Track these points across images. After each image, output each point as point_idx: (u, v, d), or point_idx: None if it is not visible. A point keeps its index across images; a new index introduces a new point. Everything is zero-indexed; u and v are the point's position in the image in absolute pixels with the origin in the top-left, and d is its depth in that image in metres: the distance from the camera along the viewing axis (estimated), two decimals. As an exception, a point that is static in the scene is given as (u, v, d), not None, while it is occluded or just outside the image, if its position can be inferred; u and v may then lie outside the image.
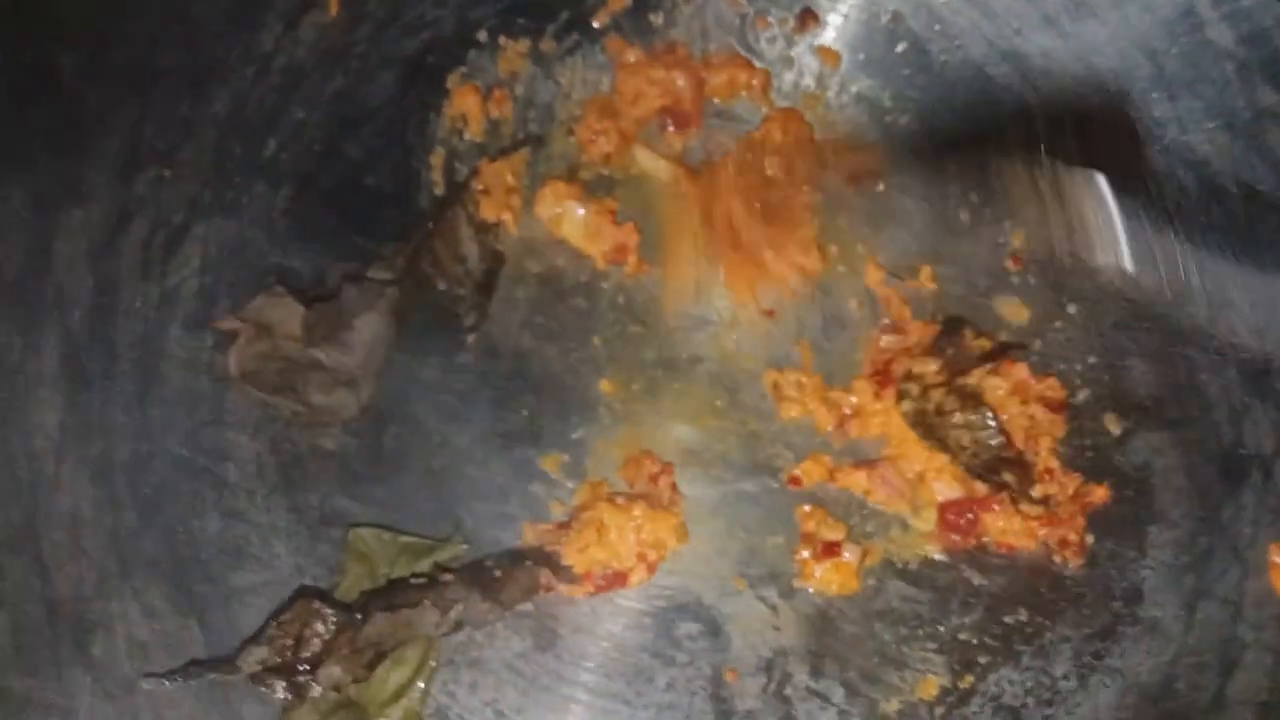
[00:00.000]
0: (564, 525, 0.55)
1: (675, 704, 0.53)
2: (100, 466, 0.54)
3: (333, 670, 0.48)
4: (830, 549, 0.54)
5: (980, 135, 0.63)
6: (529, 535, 0.55)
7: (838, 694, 0.53)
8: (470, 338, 0.59)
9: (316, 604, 0.48)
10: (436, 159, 0.62)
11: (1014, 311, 0.59)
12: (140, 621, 0.52)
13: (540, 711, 0.53)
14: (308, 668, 0.47)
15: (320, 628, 0.48)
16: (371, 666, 0.49)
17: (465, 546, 0.54)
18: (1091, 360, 0.58)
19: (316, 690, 0.47)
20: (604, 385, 0.58)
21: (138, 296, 0.56)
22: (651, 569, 0.54)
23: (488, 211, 0.61)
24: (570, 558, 0.53)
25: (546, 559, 0.53)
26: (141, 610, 0.52)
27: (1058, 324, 0.58)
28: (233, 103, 0.59)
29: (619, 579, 0.54)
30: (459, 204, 0.61)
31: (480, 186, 0.61)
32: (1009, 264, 0.60)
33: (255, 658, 0.48)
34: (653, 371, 0.58)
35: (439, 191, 0.62)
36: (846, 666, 0.54)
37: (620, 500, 0.54)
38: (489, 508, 0.56)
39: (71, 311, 0.55)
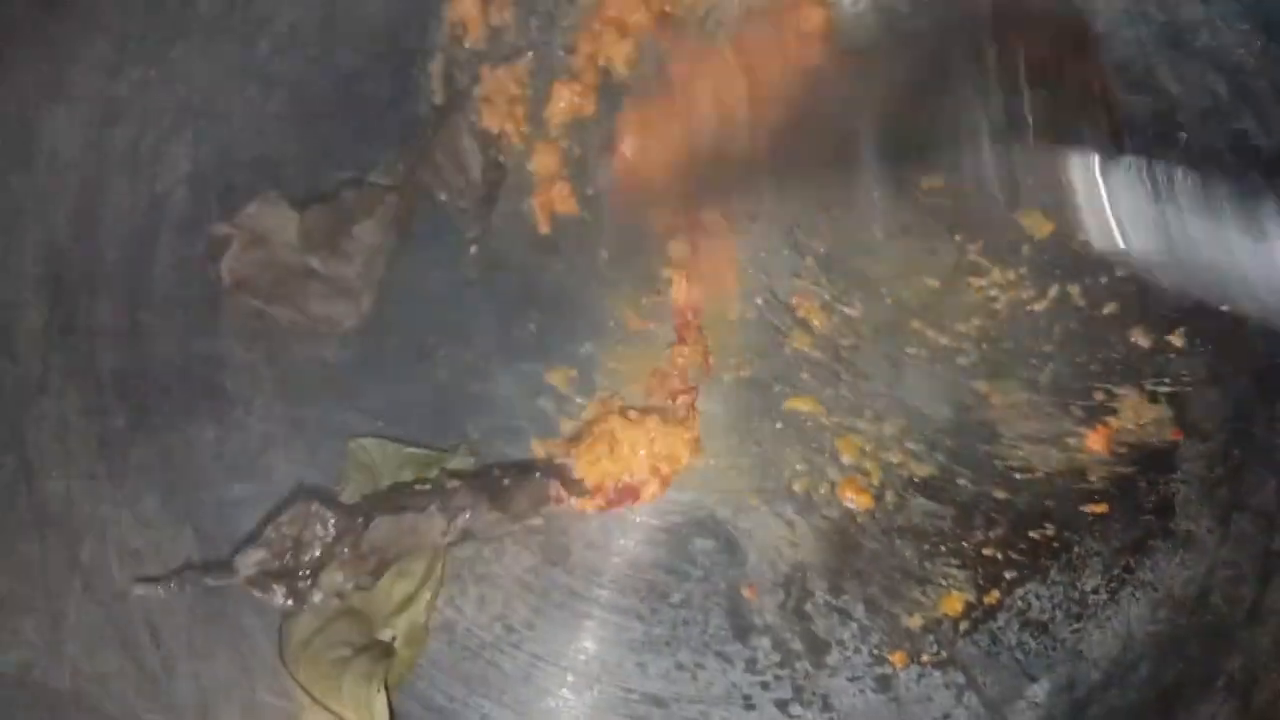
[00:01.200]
0: (574, 438, 0.53)
1: (691, 619, 0.51)
2: (88, 371, 0.52)
3: (334, 576, 0.46)
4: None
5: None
6: (538, 449, 0.53)
7: (858, 609, 0.52)
8: (473, 250, 0.56)
9: (316, 505, 0.46)
10: (436, 67, 0.60)
11: (1037, 224, 0.57)
12: (132, 528, 0.50)
13: (552, 628, 0.51)
14: (308, 572, 0.45)
15: (320, 530, 0.46)
16: (376, 574, 0.47)
17: (472, 459, 0.52)
18: (1118, 272, 0.56)
19: (317, 596, 0.45)
20: (611, 300, 0.56)
21: (124, 200, 0.54)
22: (665, 483, 0.52)
23: (490, 121, 0.59)
24: (581, 470, 0.51)
25: (557, 471, 0.51)
26: (134, 517, 0.50)
27: (1082, 236, 0.56)
28: (222, 4, 0.56)
29: (631, 493, 0.52)
30: (460, 113, 0.59)
31: (482, 94, 0.59)
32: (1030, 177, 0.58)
33: (252, 560, 0.45)
34: (662, 286, 0.56)
35: (438, 100, 0.60)
36: (868, 582, 0.52)
37: (633, 414, 0.52)
38: (495, 422, 0.54)
39: (54, 212, 0.53)
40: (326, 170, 0.56)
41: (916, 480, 0.53)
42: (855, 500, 0.53)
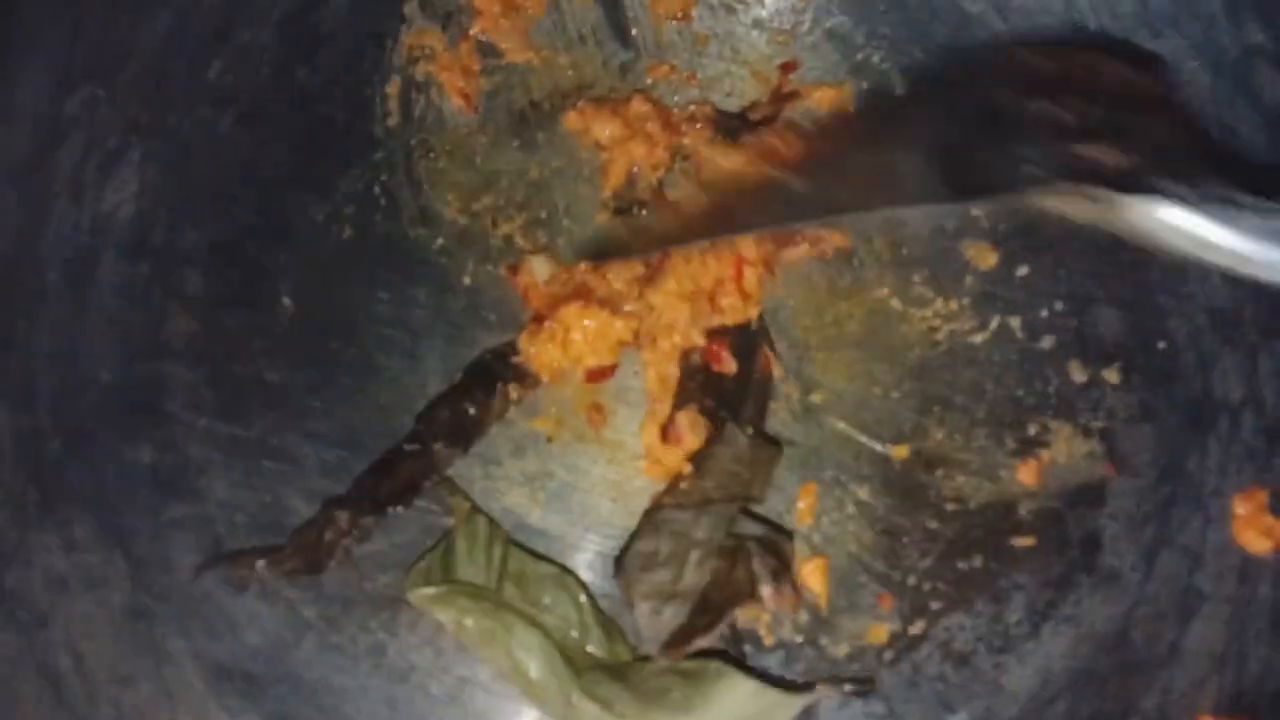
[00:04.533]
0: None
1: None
2: (23, 394, 0.52)
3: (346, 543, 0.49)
4: None
5: (956, 73, 0.60)
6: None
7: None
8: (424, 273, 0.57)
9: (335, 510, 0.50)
10: (393, 89, 0.60)
11: (981, 255, 0.58)
12: (60, 554, 0.50)
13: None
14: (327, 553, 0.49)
15: (340, 525, 0.49)
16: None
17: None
18: (1058, 306, 0.56)
19: (331, 563, 0.49)
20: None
21: (68, 219, 0.54)
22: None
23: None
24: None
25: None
26: (62, 543, 0.51)
27: (1024, 269, 0.57)
28: (175, 20, 0.57)
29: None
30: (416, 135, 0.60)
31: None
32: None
33: (283, 566, 0.48)
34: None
35: (393, 123, 0.60)
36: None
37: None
38: (436, 446, 0.54)
39: (-5, 231, 0.53)
40: (277, 190, 0.57)
41: (851, 507, 0.54)
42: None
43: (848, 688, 0.47)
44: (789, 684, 0.46)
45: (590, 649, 0.47)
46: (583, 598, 0.49)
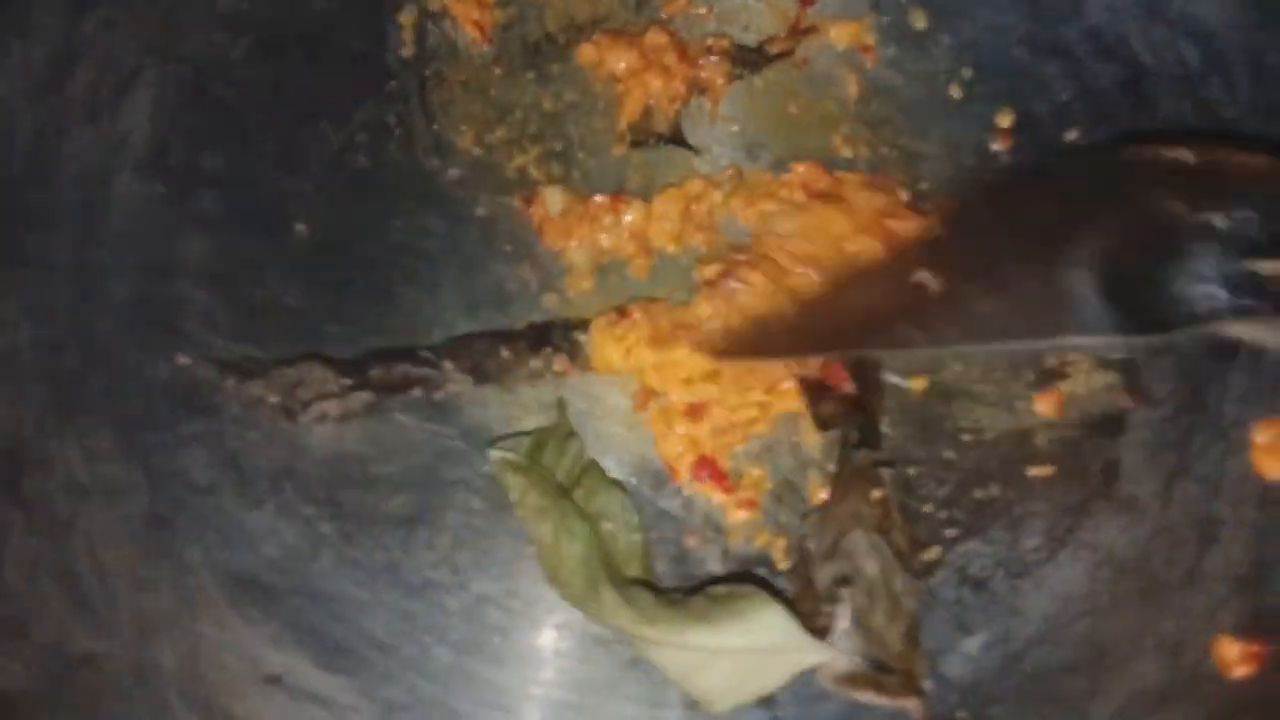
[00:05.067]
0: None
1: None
2: (40, 306, 0.52)
3: (325, 405, 0.49)
4: None
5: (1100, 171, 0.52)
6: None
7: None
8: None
9: (319, 364, 0.50)
10: (407, 19, 0.60)
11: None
12: (80, 464, 0.50)
13: (498, 569, 0.51)
14: (300, 404, 0.49)
15: (319, 376, 0.49)
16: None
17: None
18: (1080, 239, 0.56)
19: (304, 417, 0.49)
20: (574, 255, 0.56)
21: (84, 139, 0.54)
22: None
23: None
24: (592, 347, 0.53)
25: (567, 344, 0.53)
26: (83, 453, 0.51)
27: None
28: (189, -54, 0.56)
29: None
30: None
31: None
32: (997, 144, 0.58)
33: (252, 390, 0.49)
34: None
35: (407, 53, 0.60)
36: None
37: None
38: (452, 370, 0.54)
39: (8, 149, 0.53)
40: (293, 117, 0.56)
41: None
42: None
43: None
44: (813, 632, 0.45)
45: (629, 574, 0.47)
46: (637, 536, 0.49)
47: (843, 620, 0.44)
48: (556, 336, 0.53)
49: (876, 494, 0.50)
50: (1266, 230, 0.44)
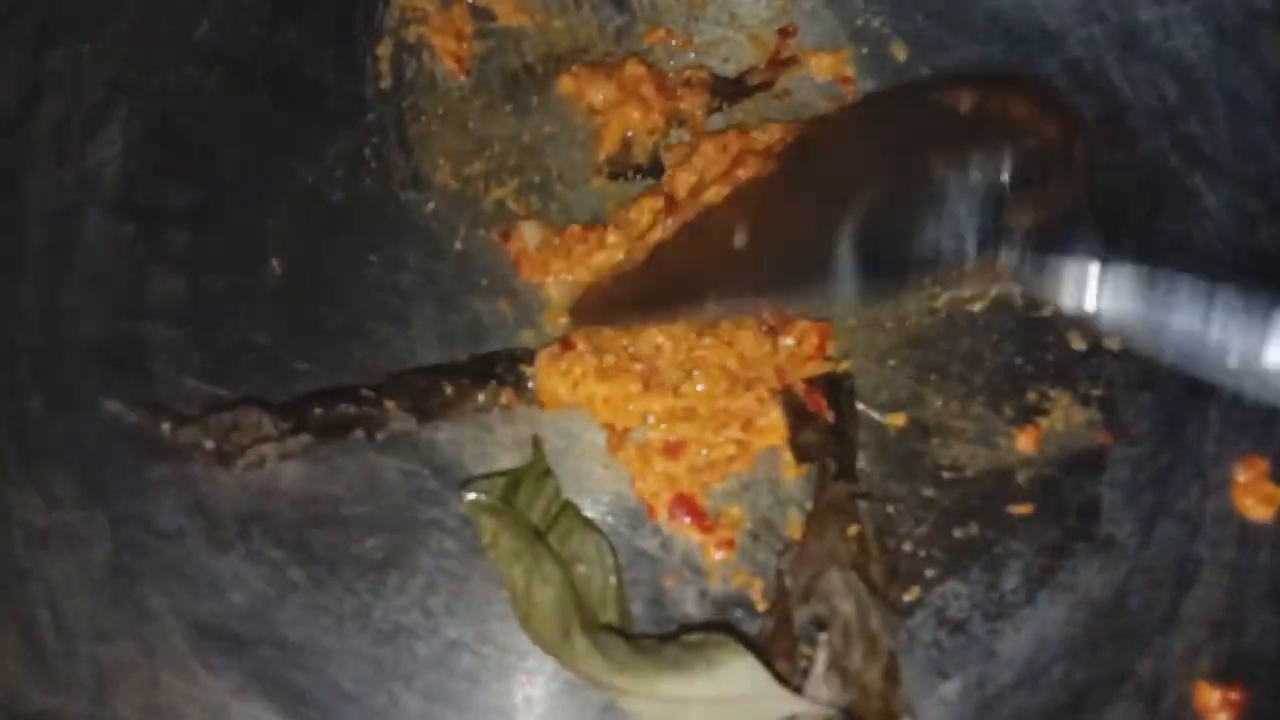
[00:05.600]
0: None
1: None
2: (4, 351, 0.51)
3: (261, 449, 0.48)
4: None
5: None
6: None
7: (780, 604, 0.52)
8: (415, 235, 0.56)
9: (256, 409, 0.50)
10: (384, 50, 0.60)
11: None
12: (40, 511, 0.49)
13: (470, 613, 0.51)
14: (236, 449, 0.49)
15: (255, 420, 0.49)
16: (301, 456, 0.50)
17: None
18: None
19: (240, 463, 0.49)
20: (551, 290, 0.56)
21: (50, 176, 0.53)
22: None
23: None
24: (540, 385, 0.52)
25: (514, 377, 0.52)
26: (43, 499, 0.50)
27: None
28: (161, -24, 0.56)
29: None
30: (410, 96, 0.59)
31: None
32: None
33: (188, 434, 0.48)
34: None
35: (384, 85, 0.59)
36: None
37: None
38: (425, 409, 0.53)
39: (-26, 189, 0.52)
40: (266, 151, 0.56)
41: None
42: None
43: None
44: (785, 683, 0.45)
45: (602, 620, 0.47)
46: (612, 579, 0.48)
47: (819, 666, 0.44)
48: (501, 369, 0.53)
49: (853, 529, 0.49)
50: (1018, 178, 0.47)
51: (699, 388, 0.53)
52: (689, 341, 0.54)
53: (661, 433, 0.52)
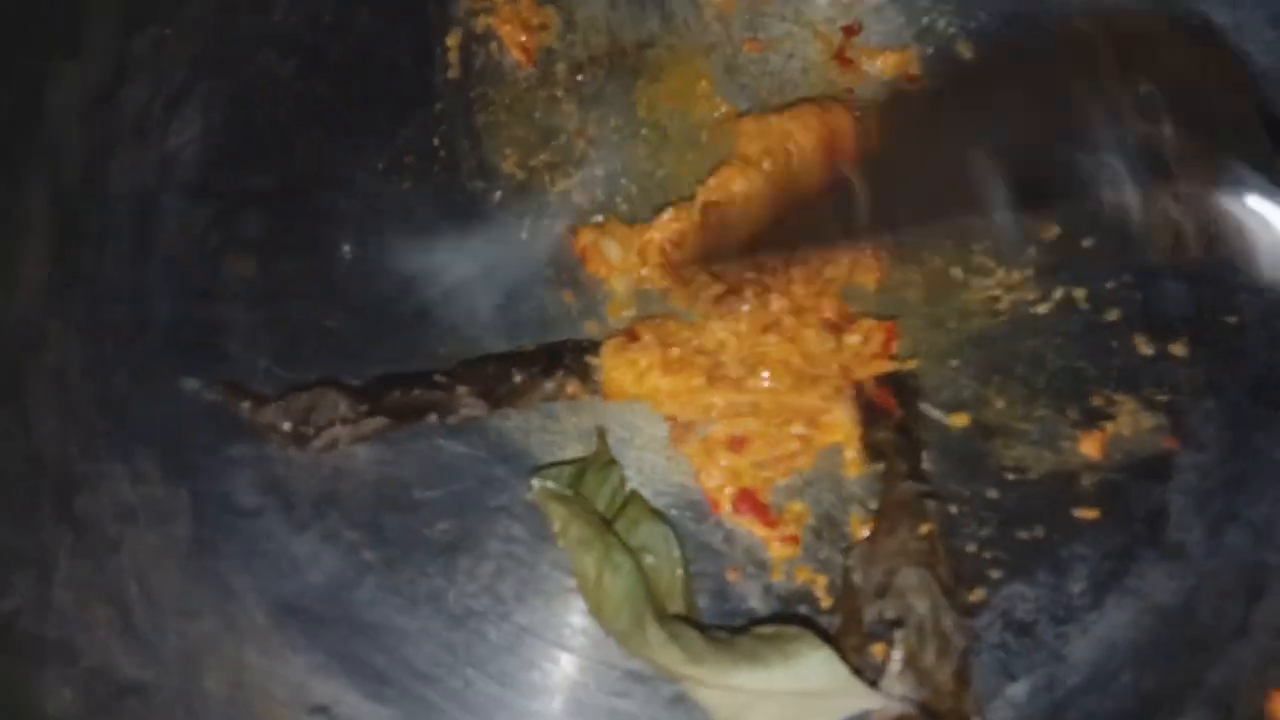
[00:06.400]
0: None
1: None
2: (90, 326, 0.52)
3: (336, 431, 0.49)
4: None
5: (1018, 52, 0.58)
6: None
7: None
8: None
9: (333, 390, 0.50)
10: (453, 40, 0.60)
11: (1044, 227, 0.57)
12: (128, 485, 0.50)
13: (540, 600, 0.51)
14: (313, 430, 0.49)
15: (332, 403, 0.49)
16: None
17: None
18: (1125, 278, 0.55)
19: (316, 444, 0.49)
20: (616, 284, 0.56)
21: (133, 157, 0.54)
22: None
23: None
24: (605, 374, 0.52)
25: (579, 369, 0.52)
26: (130, 474, 0.50)
27: (1088, 241, 0.56)
28: (240, -37, 0.56)
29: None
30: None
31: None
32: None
33: (265, 416, 0.49)
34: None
35: (453, 74, 0.60)
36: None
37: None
38: (494, 396, 0.54)
39: (63, 166, 0.53)
40: (340, 138, 0.56)
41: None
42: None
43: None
44: (863, 677, 0.45)
45: (670, 611, 0.47)
46: (679, 570, 0.48)
47: (895, 664, 0.44)
48: (568, 359, 0.53)
49: (923, 528, 0.49)
50: (1167, 105, 0.46)
51: (764, 383, 0.53)
52: (753, 337, 0.54)
53: (725, 427, 0.52)
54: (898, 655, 0.44)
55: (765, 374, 0.53)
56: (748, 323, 0.54)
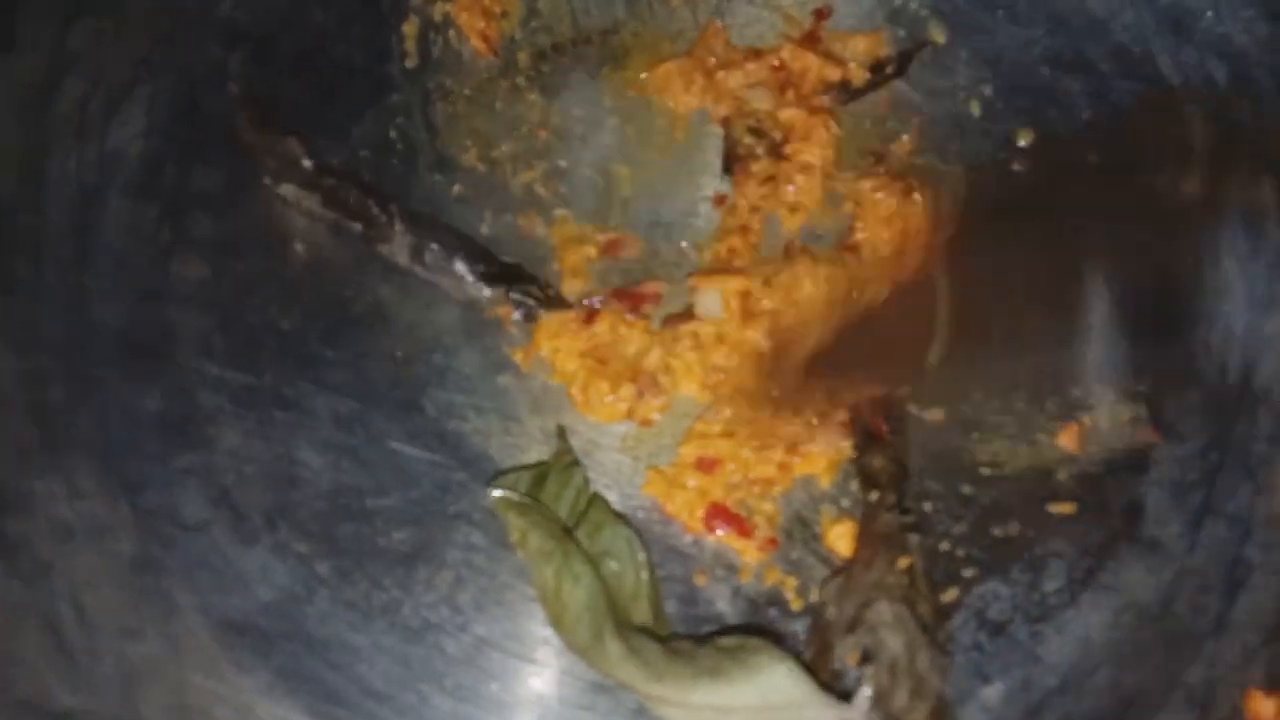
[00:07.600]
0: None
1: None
2: (27, 338, 0.50)
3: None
4: None
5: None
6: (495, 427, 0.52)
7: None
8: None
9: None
10: (410, 29, 0.58)
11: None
12: (64, 503, 0.48)
13: (500, 611, 0.50)
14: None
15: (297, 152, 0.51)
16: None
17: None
18: (1103, 270, 0.54)
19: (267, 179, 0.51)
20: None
21: (72, 157, 0.52)
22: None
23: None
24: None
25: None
26: (66, 491, 0.49)
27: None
28: (184, -47, 0.54)
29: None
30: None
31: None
32: (1016, 165, 0.56)
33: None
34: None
35: (411, 64, 0.58)
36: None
37: None
38: (453, 397, 0.52)
39: (-4, 169, 0.51)
40: (292, 134, 0.54)
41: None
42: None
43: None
44: (828, 689, 0.43)
45: (634, 618, 0.45)
46: (644, 574, 0.47)
47: (863, 700, 0.42)
48: (519, 289, 0.52)
49: (903, 562, 0.48)
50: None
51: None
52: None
53: (695, 448, 0.51)
54: (866, 691, 0.42)
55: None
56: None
